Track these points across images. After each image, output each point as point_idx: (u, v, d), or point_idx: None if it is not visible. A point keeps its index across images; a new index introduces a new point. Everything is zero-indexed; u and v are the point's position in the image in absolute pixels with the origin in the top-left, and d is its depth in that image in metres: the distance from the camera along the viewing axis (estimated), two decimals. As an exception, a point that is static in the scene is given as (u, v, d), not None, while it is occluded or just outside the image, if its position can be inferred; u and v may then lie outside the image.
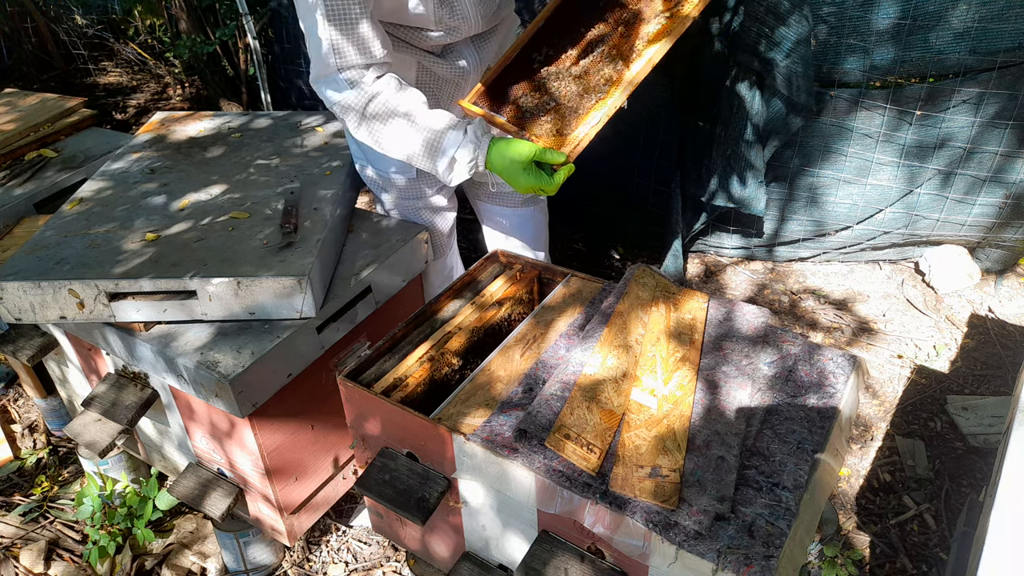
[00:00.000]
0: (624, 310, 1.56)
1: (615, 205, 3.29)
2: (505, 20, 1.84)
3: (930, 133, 2.66)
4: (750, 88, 2.61)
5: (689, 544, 1.15)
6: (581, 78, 1.67)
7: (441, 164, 1.62)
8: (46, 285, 1.67)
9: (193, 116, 2.50)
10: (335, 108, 1.63)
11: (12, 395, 2.81)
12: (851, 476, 2.30)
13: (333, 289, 1.83)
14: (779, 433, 1.35)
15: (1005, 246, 2.91)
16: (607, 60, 1.67)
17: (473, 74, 1.81)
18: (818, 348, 1.53)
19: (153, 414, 1.96)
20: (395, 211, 2.06)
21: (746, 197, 2.79)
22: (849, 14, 2.50)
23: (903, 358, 2.71)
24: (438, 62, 1.76)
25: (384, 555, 2.17)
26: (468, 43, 1.77)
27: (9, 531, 2.25)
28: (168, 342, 1.70)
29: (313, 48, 1.58)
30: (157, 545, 2.17)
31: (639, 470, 1.25)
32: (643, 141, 3.06)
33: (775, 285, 3.10)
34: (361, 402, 1.50)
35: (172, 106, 4.81)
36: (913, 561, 2.06)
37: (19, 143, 2.55)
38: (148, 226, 1.87)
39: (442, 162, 1.61)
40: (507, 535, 1.45)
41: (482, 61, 1.81)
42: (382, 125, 1.61)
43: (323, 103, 1.66)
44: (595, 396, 1.37)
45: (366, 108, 1.60)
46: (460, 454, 1.37)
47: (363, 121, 1.62)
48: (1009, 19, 2.38)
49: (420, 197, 1.99)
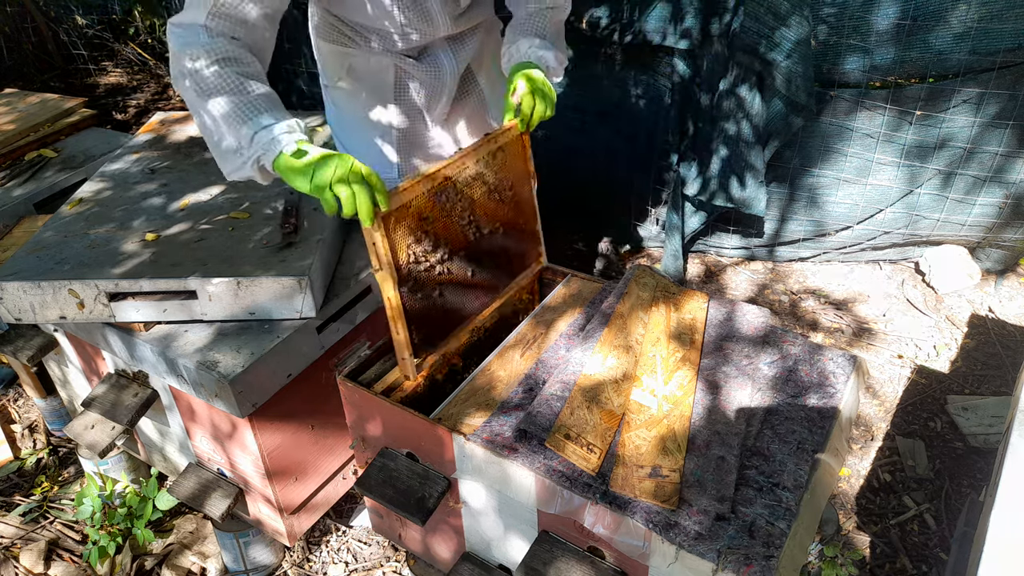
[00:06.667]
0: (624, 310, 1.56)
1: (615, 205, 3.29)
2: (484, 23, 1.83)
3: (930, 133, 2.66)
4: (750, 88, 2.61)
5: (689, 544, 1.15)
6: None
7: (229, 163, 1.43)
8: (46, 285, 1.67)
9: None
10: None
11: (12, 395, 2.81)
12: (851, 476, 2.30)
13: (333, 289, 1.83)
14: (779, 433, 1.35)
15: (1005, 246, 2.91)
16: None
17: (450, 76, 1.79)
18: (818, 348, 1.53)
19: (153, 414, 1.96)
20: None
21: (746, 197, 2.79)
22: (849, 14, 2.50)
23: (903, 358, 2.71)
24: (415, 65, 1.75)
25: (384, 555, 2.17)
26: (444, 45, 1.76)
27: (9, 531, 2.25)
28: (168, 342, 1.70)
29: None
30: (157, 545, 2.17)
31: (639, 470, 1.25)
32: (643, 141, 3.06)
33: (775, 285, 3.10)
34: (361, 402, 1.50)
35: (172, 106, 4.81)
36: (913, 561, 2.06)
37: (19, 143, 2.55)
38: (148, 226, 1.87)
39: (231, 162, 1.43)
40: (507, 535, 1.45)
41: (459, 64, 1.80)
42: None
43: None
44: (595, 396, 1.37)
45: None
46: (460, 454, 1.37)
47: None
48: (1009, 19, 2.38)
49: None
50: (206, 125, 1.40)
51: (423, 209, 1.44)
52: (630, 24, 2.79)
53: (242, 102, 1.35)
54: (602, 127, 3.10)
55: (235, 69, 1.37)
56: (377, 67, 1.76)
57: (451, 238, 1.52)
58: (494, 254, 1.65)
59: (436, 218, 1.47)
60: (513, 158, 1.65)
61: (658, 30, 2.73)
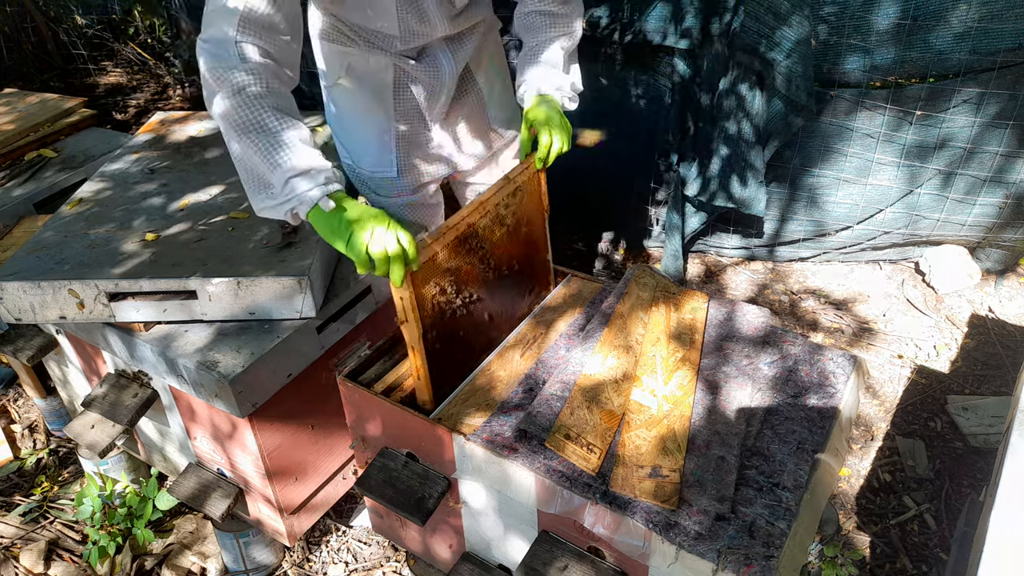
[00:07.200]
0: (624, 310, 1.56)
1: (615, 205, 3.29)
2: (482, 23, 1.83)
3: (930, 133, 2.66)
4: (750, 88, 2.61)
5: (689, 544, 1.15)
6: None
7: (260, 201, 1.44)
8: (46, 285, 1.67)
9: (193, 116, 2.50)
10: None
11: (12, 395, 2.81)
12: (851, 476, 2.30)
13: (333, 289, 1.83)
14: (779, 433, 1.35)
15: (1005, 246, 2.91)
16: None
17: (449, 76, 1.80)
18: (818, 348, 1.53)
19: (153, 414, 1.96)
20: (376, 207, 2.05)
21: (746, 197, 2.79)
22: (850, 14, 2.50)
23: (903, 358, 2.71)
24: (414, 65, 1.75)
25: (384, 555, 2.17)
26: (443, 45, 1.76)
27: (9, 531, 2.25)
28: (168, 342, 1.70)
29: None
30: (157, 545, 2.17)
31: (639, 470, 1.25)
32: (643, 141, 3.06)
33: (775, 285, 3.09)
34: (361, 402, 1.50)
35: (172, 106, 4.81)
36: (913, 561, 2.06)
37: (19, 143, 2.55)
38: (148, 226, 1.87)
39: (262, 200, 1.44)
40: (507, 535, 1.45)
41: (458, 63, 1.80)
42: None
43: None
44: (595, 396, 1.37)
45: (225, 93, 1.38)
46: (460, 454, 1.37)
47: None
48: (1009, 19, 2.38)
49: (400, 195, 1.99)
50: (238, 158, 1.42)
51: (447, 259, 1.47)
52: (630, 24, 2.79)
53: (275, 143, 1.36)
54: (602, 127, 3.10)
55: (269, 102, 1.37)
56: (376, 67, 1.76)
57: (471, 281, 1.55)
58: (509, 289, 1.67)
59: (459, 266, 1.50)
60: (530, 196, 1.68)
61: (658, 30, 2.73)
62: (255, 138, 1.36)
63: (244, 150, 1.38)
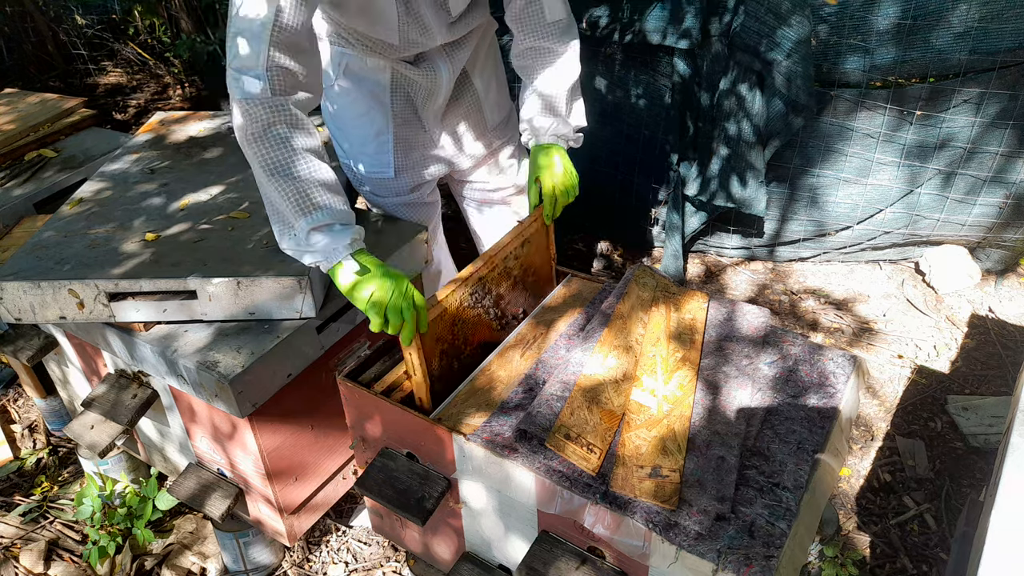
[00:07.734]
0: (624, 310, 1.56)
1: (615, 205, 3.29)
2: (479, 28, 1.83)
3: (931, 133, 2.66)
4: (750, 88, 2.61)
5: (689, 544, 1.15)
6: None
7: (284, 241, 1.47)
8: (46, 285, 1.67)
9: (193, 116, 2.50)
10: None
11: (12, 395, 2.81)
12: (851, 476, 2.30)
13: (333, 289, 1.82)
14: (779, 433, 1.35)
15: (1005, 246, 2.91)
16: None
17: (446, 79, 1.80)
18: (818, 348, 1.53)
19: (153, 414, 1.96)
20: (375, 207, 2.06)
21: (746, 197, 2.78)
22: (850, 14, 2.50)
23: (903, 358, 2.71)
24: (412, 68, 1.76)
25: (384, 555, 2.17)
26: (440, 51, 1.77)
27: (9, 531, 2.25)
28: (168, 342, 1.70)
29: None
30: (157, 545, 2.17)
31: (639, 470, 1.25)
32: (643, 141, 3.06)
33: (775, 285, 3.09)
34: (361, 402, 1.50)
35: (172, 106, 4.81)
36: (913, 561, 2.06)
37: (19, 143, 2.55)
38: (148, 226, 1.87)
39: (286, 241, 1.47)
40: (507, 535, 1.45)
41: (455, 67, 1.80)
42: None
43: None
44: (595, 396, 1.37)
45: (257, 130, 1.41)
46: (460, 454, 1.37)
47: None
48: (1009, 19, 2.38)
49: (398, 194, 1.99)
50: (264, 193, 1.46)
51: (456, 314, 1.51)
52: (630, 24, 2.79)
53: (301, 191, 1.40)
54: (602, 127, 3.10)
55: (297, 143, 1.40)
56: (373, 68, 1.76)
57: (479, 331, 1.59)
58: (512, 329, 1.69)
59: (467, 319, 1.54)
60: (538, 247, 1.72)
61: (658, 30, 2.73)
62: (281, 182, 1.40)
63: (269, 191, 1.43)
